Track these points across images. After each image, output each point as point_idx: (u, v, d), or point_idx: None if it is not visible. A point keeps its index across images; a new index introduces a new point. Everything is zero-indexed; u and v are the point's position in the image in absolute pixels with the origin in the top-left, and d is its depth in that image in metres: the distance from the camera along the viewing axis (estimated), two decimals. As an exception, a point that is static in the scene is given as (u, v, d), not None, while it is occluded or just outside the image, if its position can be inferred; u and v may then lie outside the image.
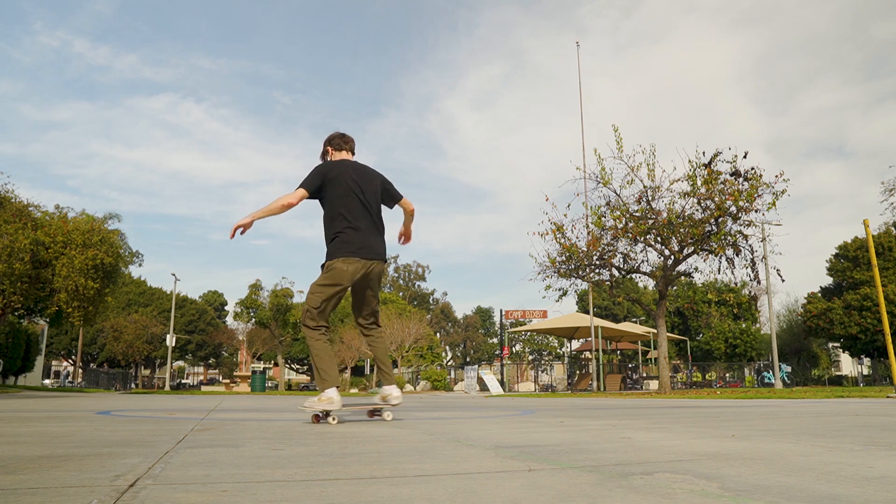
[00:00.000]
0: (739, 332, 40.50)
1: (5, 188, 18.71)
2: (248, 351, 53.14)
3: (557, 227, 17.07)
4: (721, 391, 17.15)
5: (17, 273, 16.67)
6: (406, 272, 69.85)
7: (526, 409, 6.44)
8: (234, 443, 2.47)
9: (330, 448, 2.26)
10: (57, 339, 48.19)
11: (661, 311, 16.71)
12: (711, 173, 15.32)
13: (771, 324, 26.27)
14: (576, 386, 26.42)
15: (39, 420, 4.13)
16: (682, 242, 15.76)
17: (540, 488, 1.37)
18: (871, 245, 12.75)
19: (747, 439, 2.59)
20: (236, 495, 1.29)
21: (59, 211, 19.74)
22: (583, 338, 32.78)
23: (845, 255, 37.63)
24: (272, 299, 40.69)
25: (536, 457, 1.96)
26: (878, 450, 2.17)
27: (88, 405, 7.25)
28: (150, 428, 3.36)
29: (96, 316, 20.09)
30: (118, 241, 20.03)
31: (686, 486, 1.39)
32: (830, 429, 3.19)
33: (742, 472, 1.63)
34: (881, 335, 30.95)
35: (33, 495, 1.28)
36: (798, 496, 1.28)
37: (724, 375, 35.74)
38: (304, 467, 1.72)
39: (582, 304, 51.70)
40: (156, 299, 52.29)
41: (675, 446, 2.31)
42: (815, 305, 35.63)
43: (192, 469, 1.69)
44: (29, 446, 2.30)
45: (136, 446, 2.32)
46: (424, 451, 2.12)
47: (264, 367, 67.03)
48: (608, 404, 8.09)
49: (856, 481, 1.47)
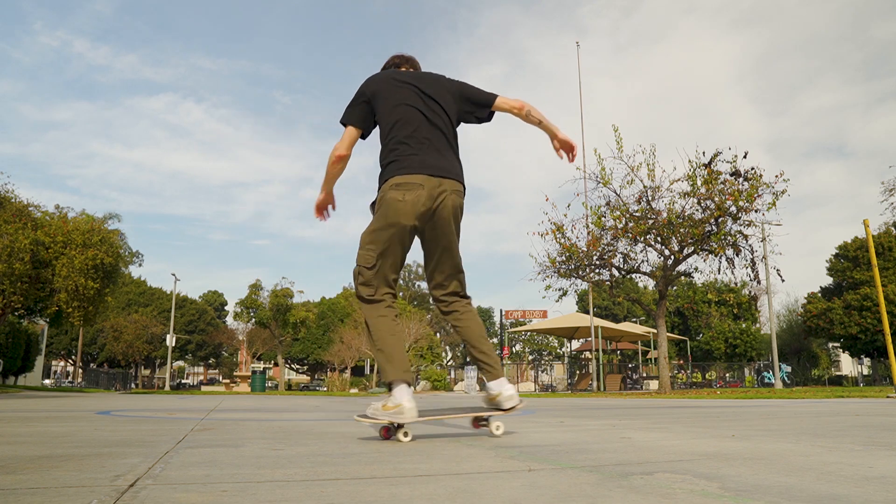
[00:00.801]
0: (739, 332, 40.51)
1: (5, 188, 18.73)
2: (248, 351, 53.16)
3: (557, 227, 17.07)
4: (721, 391, 17.14)
5: (17, 273, 16.67)
6: (406, 272, 69.81)
7: (526, 409, 6.44)
8: (234, 443, 2.47)
9: (330, 448, 2.26)
10: (57, 339, 48.21)
11: (661, 311, 16.71)
12: (711, 173, 15.33)
13: (771, 324, 26.27)
14: (576, 386, 26.42)
15: (39, 420, 4.13)
16: (682, 242, 15.76)
17: (540, 488, 1.37)
18: (871, 245, 12.74)
19: (747, 439, 2.59)
20: (236, 495, 1.29)
21: (59, 211, 19.75)
22: (583, 338, 32.78)
23: (845, 255, 37.64)
24: (272, 299, 40.68)
25: (536, 457, 1.96)
26: (878, 450, 2.17)
27: (88, 405, 7.25)
28: (150, 428, 3.36)
29: (96, 316, 20.09)
30: (118, 241, 20.03)
31: (686, 486, 1.39)
32: (830, 429, 3.19)
33: (742, 472, 1.63)
34: (881, 335, 30.96)
35: (33, 495, 1.28)
36: (798, 496, 1.28)
37: (724, 375, 35.74)
38: (304, 467, 1.72)
39: (582, 304, 51.73)
40: (156, 299, 52.31)
41: (675, 446, 2.31)
42: (815, 305, 35.64)
43: (192, 469, 1.69)
44: (29, 446, 2.30)
45: (136, 446, 2.32)
46: (424, 451, 2.12)
47: (264, 367, 67.03)
48: (608, 404, 8.09)
49: (856, 481, 1.47)
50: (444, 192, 2.58)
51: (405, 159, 2.59)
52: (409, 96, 2.72)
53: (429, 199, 2.55)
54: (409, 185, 2.53)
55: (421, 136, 2.64)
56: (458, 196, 2.65)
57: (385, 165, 2.65)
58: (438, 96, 2.76)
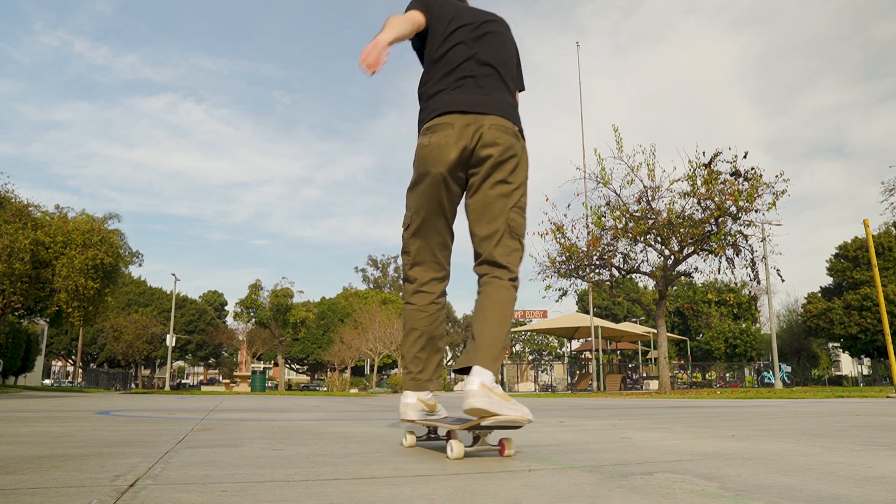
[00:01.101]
0: (739, 332, 40.52)
1: (5, 188, 18.74)
2: (248, 351, 53.15)
3: (557, 227, 17.09)
4: (721, 391, 17.15)
5: (17, 273, 16.68)
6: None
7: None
8: (234, 443, 2.47)
9: (330, 448, 2.26)
10: (57, 339, 48.22)
11: (661, 311, 16.71)
12: (711, 173, 15.34)
13: (771, 324, 26.27)
14: (576, 386, 26.43)
15: (39, 420, 4.13)
16: (682, 242, 15.76)
17: (540, 488, 1.37)
18: (871, 245, 12.75)
19: (747, 439, 2.59)
20: (236, 495, 1.29)
21: (59, 211, 19.76)
22: (583, 338, 32.78)
23: (845, 255, 37.64)
24: (272, 299, 40.67)
25: (536, 457, 1.96)
26: (878, 450, 2.17)
27: (88, 405, 7.26)
28: (150, 428, 3.36)
29: (96, 316, 20.10)
30: (118, 241, 20.04)
31: (686, 486, 1.40)
32: (830, 429, 3.19)
33: (742, 472, 1.63)
34: (881, 335, 30.98)
35: (33, 495, 1.28)
36: (798, 496, 1.28)
37: (724, 375, 35.75)
38: (304, 467, 1.72)
39: (582, 304, 51.74)
40: (156, 299, 52.32)
41: (675, 446, 2.31)
42: (815, 305, 35.65)
43: (192, 469, 1.69)
44: (29, 446, 2.30)
45: (136, 446, 2.32)
46: (424, 451, 2.12)
47: (264, 367, 67.06)
48: (608, 404, 8.10)
49: (856, 481, 1.47)
50: (480, 129, 2.04)
51: (437, 101, 2.13)
52: (466, 36, 2.20)
53: (460, 138, 2.03)
54: (435, 127, 2.09)
55: (463, 75, 2.14)
56: (503, 133, 2.05)
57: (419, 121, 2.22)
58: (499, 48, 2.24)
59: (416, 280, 2.24)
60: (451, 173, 2.08)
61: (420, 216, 2.16)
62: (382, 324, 35.06)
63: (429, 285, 2.24)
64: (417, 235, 2.19)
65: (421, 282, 2.24)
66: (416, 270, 2.24)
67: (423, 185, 2.11)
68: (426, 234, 2.19)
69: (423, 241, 2.20)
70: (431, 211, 2.15)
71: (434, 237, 2.20)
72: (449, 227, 2.22)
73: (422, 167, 2.10)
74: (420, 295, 2.24)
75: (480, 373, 1.86)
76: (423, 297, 2.23)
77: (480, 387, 1.81)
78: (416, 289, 2.24)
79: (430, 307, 2.23)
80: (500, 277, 2.06)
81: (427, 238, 2.19)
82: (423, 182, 2.10)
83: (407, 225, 2.21)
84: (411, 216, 2.18)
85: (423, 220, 2.16)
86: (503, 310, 2.01)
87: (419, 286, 2.24)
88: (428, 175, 2.09)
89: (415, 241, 2.20)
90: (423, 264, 2.23)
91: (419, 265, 2.24)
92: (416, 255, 2.22)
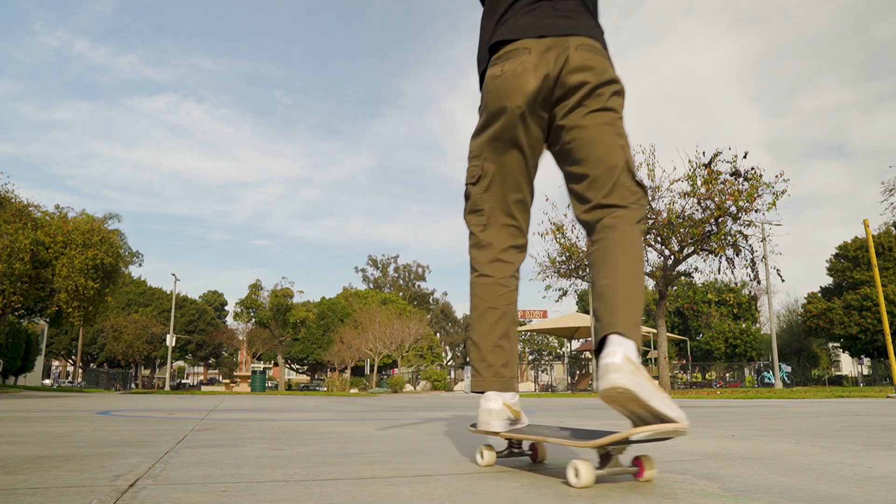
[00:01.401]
0: (739, 332, 40.53)
1: (5, 188, 18.76)
2: (248, 351, 53.15)
3: (557, 227, 17.09)
4: (721, 391, 17.15)
5: (17, 273, 16.69)
6: (406, 272, 69.78)
7: (526, 409, 6.44)
8: (234, 443, 2.47)
9: (330, 448, 2.26)
10: (57, 339, 48.23)
11: (661, 311, 16.72)
12: (711, 173, 15.34)
13: (771, 324, 26.27)
14: (576, 386, 26.43)
15: (39, 420, 4.13)
16: (682, 242, 15.77)
17: (540, 488, 1.37)
18: (871, 245, 12.75)
19: (747, 439, 2.59)
20: (236, 495, 1.29)
21: (59, 211, 19.78)
22: (583, 338, 32.78)
23: (845, 255, 37.66)
24: (272, 299, 40.68)
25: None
26: (878, 450, 2.17)
27: (88, 405, 7.26)
28: (150, 428, 3.36)
29: (96, 316, 20.11)
30: (118, 241, 20.06)
31: (686, 486, 1.40)
32: (830, 429, 3.19)
33: (742, 472, 1.63)
34: (881, 335, 30.98)
35: (33, 495, 1.28)
36: (798, 496, 1.28)
37: (724, 375, 35.75)
38: (305, 467, 1.72)
39: (582, 304, 51.71)
40: (156, 299, 52.34)
41: (675, 446, 2.31)
42: (815, 305, 35.67)
43: (192, 469, 1.69)
44: (29, 446, 2.30)
45: (136, 446, 2.32)
46: (424, 451, 2.12)
47: (264, 367, 67.08)
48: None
49: (856, 481, 1.47)
50: (566, 51, 1.60)
51: (504, 28, 1.72)
52: None
53: (539, 64, 1.61)
54: (507, 54, 1.67)
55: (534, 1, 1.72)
56: (595, 55, 1.62)
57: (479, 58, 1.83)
58: None
59: (493, 245, 1.78)
60: (530, 109, 1.65)
61: (494, 165, 1.74)
62: (382, 324, 35.08)
63: (507, 253, 1.79)
64: (491, 190, 1.76)
65: (499, 248, 1.78)
66: (491, 233, 1.79)
67: (496, 125, 1.69)
68: (502, 188, 1.76)
69: (500, 198, 1.77)
70: (509, 158, 1.72)
71: (512, 193, 1.76)
72: (530, 180, 1.78)
73: (493, 103, 1.68)
74: (498, 265, 1.77)
75: (621, 342, 1.38)
76: (503, 268, 1.77)
77: (625, 360, 1.33)
78: (495, 256, 1.78)
79: (511, 281, 1.78)
80: (625, 218, 1.58)
81: (504, 194, 1.76)
82: (498, 122, 1.69)
83: (476, 178, 1.78)
84: (482, 165, 1.76)
85: (498, 171, 1.74)
86: (635, 259, 1.53)
87: (498, 252, 1.78)
88: (503, 112, 1.67)
89: (488, 197, 1.77)
90: (501, 227, 1.79)
91: (495, 227, 1.79)
92: (492, 216, 1.78)
